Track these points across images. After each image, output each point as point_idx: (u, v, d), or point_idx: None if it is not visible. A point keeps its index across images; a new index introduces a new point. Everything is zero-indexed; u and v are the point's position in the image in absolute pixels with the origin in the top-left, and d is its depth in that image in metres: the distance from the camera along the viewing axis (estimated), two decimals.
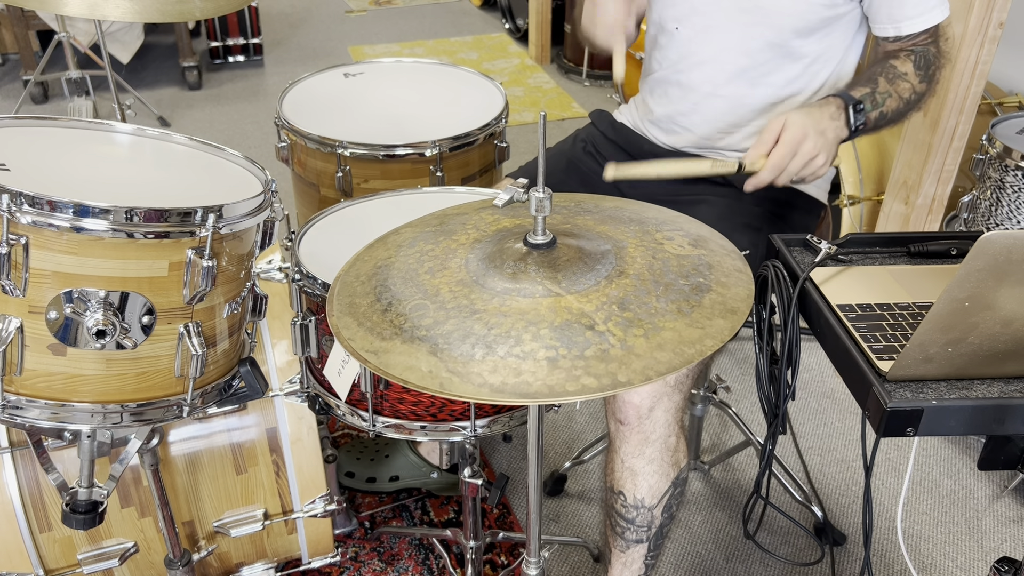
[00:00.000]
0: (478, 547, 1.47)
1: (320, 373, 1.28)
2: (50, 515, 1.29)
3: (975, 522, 1.77)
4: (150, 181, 1.15)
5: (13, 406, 1.00)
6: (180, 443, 1.35)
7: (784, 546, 1.73)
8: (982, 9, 1.75)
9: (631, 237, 0.96)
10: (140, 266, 0.98)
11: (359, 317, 0.87)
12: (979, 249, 0.75)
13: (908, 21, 1.33)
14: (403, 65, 1.95)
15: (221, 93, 3.71)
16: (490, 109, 1.72)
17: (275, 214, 1.13)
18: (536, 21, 4.01)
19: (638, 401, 1.25)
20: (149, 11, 1.65)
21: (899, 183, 2.04)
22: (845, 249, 1.11)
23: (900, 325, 0.95)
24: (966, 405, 0.85)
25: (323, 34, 4.41)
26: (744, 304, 0.86)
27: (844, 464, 1.91)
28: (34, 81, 3.40)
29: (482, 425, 1.24)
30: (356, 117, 1.71)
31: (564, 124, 3.52)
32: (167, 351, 1.04)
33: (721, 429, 2.01)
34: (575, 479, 1.86)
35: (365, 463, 1.79)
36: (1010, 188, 1.70)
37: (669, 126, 1.51)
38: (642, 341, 0.79)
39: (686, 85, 1.45)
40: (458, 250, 0.95)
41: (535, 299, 0.84)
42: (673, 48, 1.45)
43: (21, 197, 0.91)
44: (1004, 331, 0.82)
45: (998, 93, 2.33)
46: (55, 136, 1.16)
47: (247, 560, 1.47)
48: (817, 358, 2.21)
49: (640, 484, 1.32)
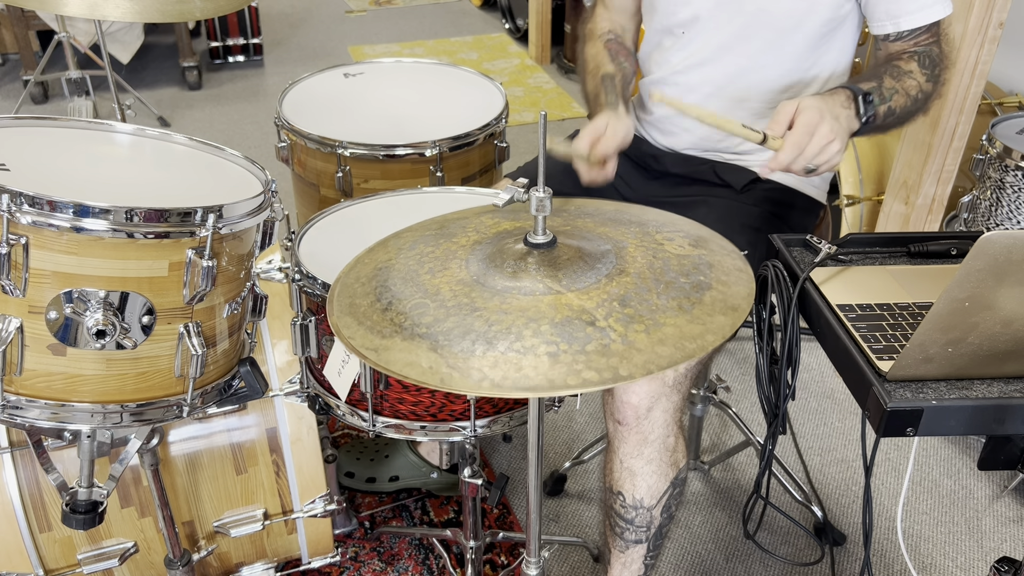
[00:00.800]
0: (478, 547, 1.47)
1: (320, 373, 1.28)
2: (50, 515, 1.28)
3: (975, 522, 1.77)
4: (150, 181, 1.15)
5: (13, 406, 1.00)
6: (180, 443, 1.35)
7: (784, 546, 1.73)
8: (982, 9, 1.75)
9: (631, 238, 0.96)
10: (140, 266, 0.98)
11: (359, 316, 0.88)
12: (979, 249, 0.75)
13: (907, 16, 1.30)
14: (403, 65, 1.95)
15: (221, 93, 3.71)
16: (490, 109, 1.72)
17: (275, 214, 1.13)
18: (536, 21, 4.01)
19: (636, 401, 1.25)
20: (149, 11, 1.65)
21: (899, 183, 2.04)
22: (845, 249, 1.11)
23: (900, 325, 0.95)
24: (966, 405, 0.85)
25: (323, 34, 4.41)
26: (745, 302, 0.86)
27: (844, 464, 1.91)
28: (34, 81, 3.40)
29: (482, 425, 1.24)
30: (356, 117, 1.71)
31: (564, 124, 3.52)
32: (167, 351, 1.04)
33: (721, 429, 2.01)
34: (575, 479, 1.86)
35: (365, 463, 1.79)
36: (1010, 188, 1.70)
37: (668, 127, 1.51)
38: (643, 336, 0.79)
39: (685, 86, 1.45)
40: (458, 251, 0.95)
41: (535, 296, 0.84)
42: (675, 51, 1.44)
43: (21, 197, 0.91)
44: (1004, 331, 0.82)
45: (998, 93, 2.33)
46: (55, 136, 1.16)
47: (247, 560, 1.47)
48: (817, 358, 2.21)
49: (639, 484, 1.32)
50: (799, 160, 1.14)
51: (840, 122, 1.16)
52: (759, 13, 1.34)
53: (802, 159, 1.14)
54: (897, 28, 1.32)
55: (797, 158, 1.14)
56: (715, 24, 1.38)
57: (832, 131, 1.13)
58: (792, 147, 1.13)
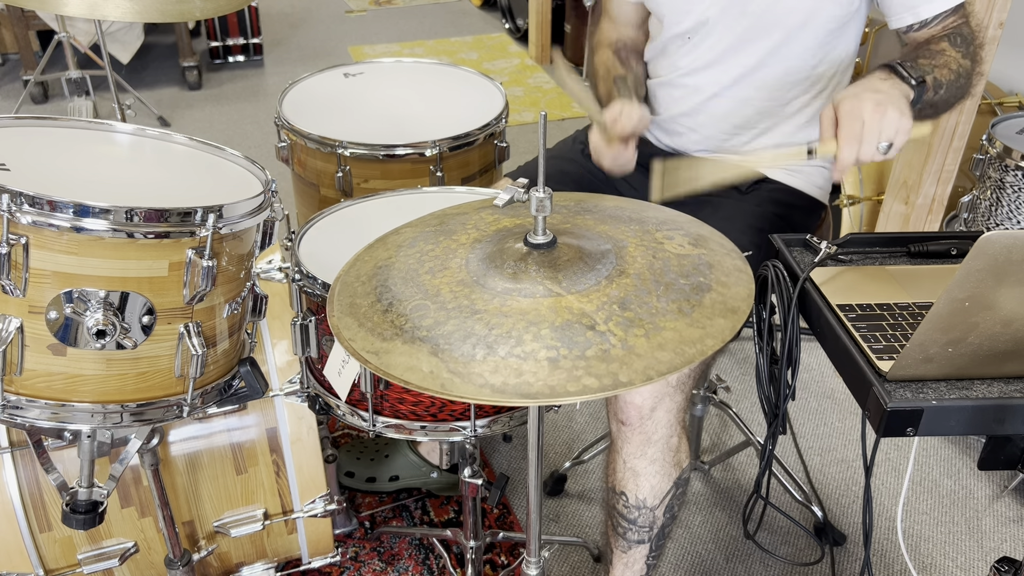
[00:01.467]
0: (478, 547, 1.47)
1: (320, 373, 1.28)
2: (50, 515, 1.28)
3: (975, 522, 1.77)
4: (150, 181, 1.15)
5: (13, 406, 1.00)
6: (180, 443, 1.35)
7: (784, 546, 1.73)
8: (982, 9, 1.75)
9: (631, 237, 0.96)
10: (140, 266, 0.98)
11: (360, 318, 0.87)
12: (979, 249, 0.75)
13: (927, 4, 1.25)
14: (403, 65, 1.95)
15: (221, 93, 3.71)
16: (490, 109, 1.72)
17: (275, 214, 1.13)
18: (536, 21, 4.01)
19: (640, 402, 1.25)
20: (149, 11, 1.65)
21: (899, 183, 2.03)
22: (845, 249, 1.10)
23: (900, 325, 0.95)
24: (966, 405, 0.85)
25: (323, 34, 4.41)
26: (745, 304, 0.86)
27: (844, 464, 1.91)
28: (34, 81, 3.40)
29: (482, 425, 1.24)
30: (356, 117, 1.71)
31: (564, 124, 3.52)
32: (167, 351, 1.04)
33: (721, 429, 2.01)
34: (575, 479, 1.86)
35: (365, 463, 1.79)
36: (1010, 188, 1.70)
37: (672, 127, 1.51)
38: (643, 341, 0.79)
39: (691, 87, 1.44)
40: (458, 250, 0.95)
41: (536, 299, 0.84)
42: (682, 55, 1.44)
43: (21, 197, 0.91)
44: (1004, 331, 0.82)
45: (998, 93, 2.33)
46: (55, 136, 1.16)
47: (247, 560, 1.47)
48: (817, 358, 2.21)
49: (642, 485, 1.31)
50: (864, 148, 1.07)
51: (885, 92, 1.09)
52: (764, 14, 1.34)
53: (866, 145, 1.07)
54: (918, 17, 1.27)
55: (861, 147, 1.07)
56: (722, 27, 1.38)
57: (879, 104, 1.07)
58: (848, 140, 1.07)
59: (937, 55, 1.22)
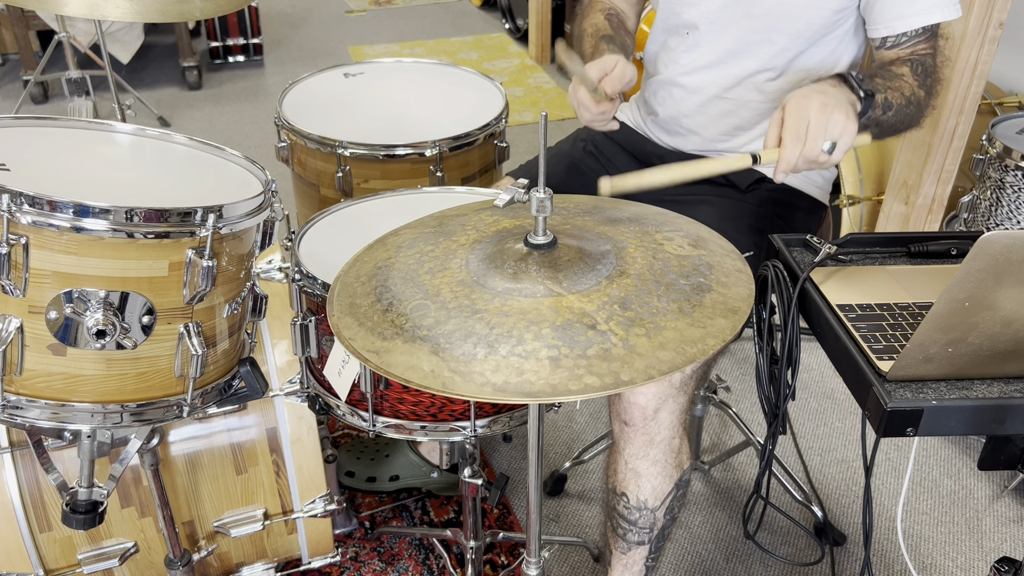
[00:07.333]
0: (478, 547, 1.47)
1: (320, 373, 1.28)
2: (50, 515, 1.28)
3: (975, 522, 1.77)
4: (150, 181, 1.15)
5: (13, 406, 1.00)
6: (180, 443, 1.35)
7: (784, 546, 1.73)
8: (982, 9, 1.75)
9: (631, 238, 0.96)
10: (140, 266, 0.98)
11: (360, 317, 0.87)
12: (979, 249, 0.75)
13: (901, 19, 1.27)
14: (403, 65, 1.95)
15: (221, 93, 3.71)
16: (490, 109, 1.72)
17: (275, 214, 1.13)
18: (536, 21, 4.01)
19: (643, 402, 1.25)
20: (149, 11, 1.65)
21: (899, 183, 2.04)
22: (845, 249, 1.10)
23: (900, 325, 0.95)
24: (966, 405, 0.85)
25: (323, 34, 4.41)
26: (745, 304, 0.86)
27: (844, 464, 1.91)
28: (34, 81, 3.40)
29: (482, 425, 1.24)
30: (356, 117, 1.71)
31: (564, 124, 3.52)
32: (167, 351, 1.04)
33: (721, 429, 2.01)
34: (575, 479, 1.86)
35: (365, 463, 1.79)
36: (1010, 188, 1.70)
37: (673, 127, 1.51)
38: (644, 340, 0.79)
39: (691, 87, 1.44)
40: (458, 251, 0.95)
41: (536, 299, 0.84)
42: (682, 53, 1.44)
43: (21, 197, 0.91)
44: (1004, 331, 0.82)
45: (998, 93, 2.33)
46: (55, 136, 1.16)
47: (247, 560, 1.47)
48: (817, 358, 2.21)
49: (643, 486, 1.31)
50: (808, 148, 1.06)
51: (832, 96, 1.09)
52: (766, 18, 1.34)
53: (811, 143, 1.06)
54: (892, 31, 1.29)
55: (804, 147, 1.06)
56: (722, 27, 1.38)
57: (825, 104, 1.07)
58: (793, 139, 1.07)
59: (895, 78, 1.24)
